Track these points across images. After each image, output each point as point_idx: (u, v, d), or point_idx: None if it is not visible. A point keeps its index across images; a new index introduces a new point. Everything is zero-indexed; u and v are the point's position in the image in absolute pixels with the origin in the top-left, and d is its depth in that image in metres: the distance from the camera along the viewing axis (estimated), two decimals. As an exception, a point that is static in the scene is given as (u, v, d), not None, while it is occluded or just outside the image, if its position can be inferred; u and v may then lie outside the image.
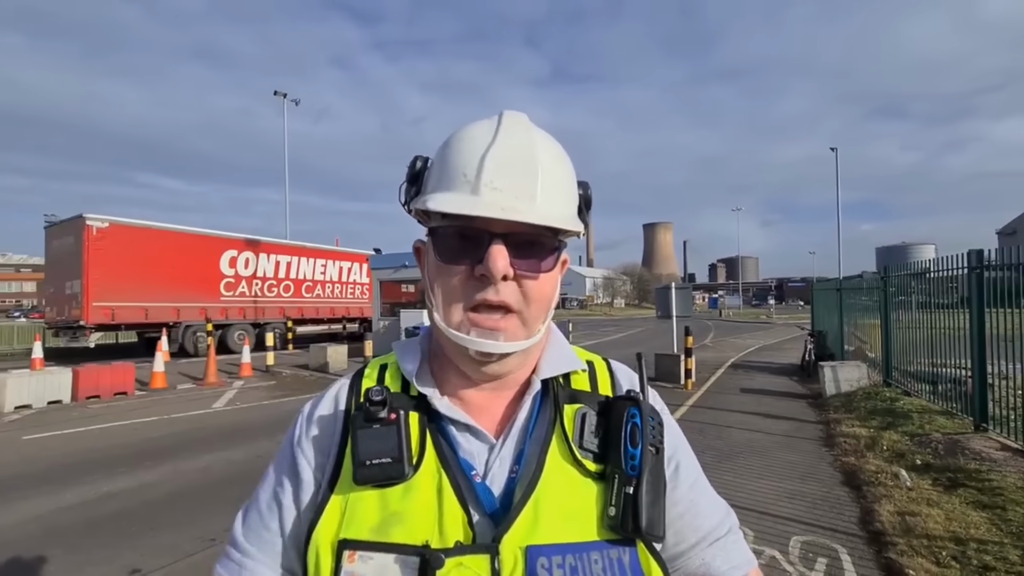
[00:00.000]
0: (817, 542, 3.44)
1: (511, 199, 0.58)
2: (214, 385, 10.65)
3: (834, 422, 6.62)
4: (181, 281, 15.43)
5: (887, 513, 3.73)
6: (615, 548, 0.59)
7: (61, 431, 6.87)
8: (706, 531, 0.68)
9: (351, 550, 0.56)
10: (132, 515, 4.12)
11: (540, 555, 0.56)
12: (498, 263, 0.58)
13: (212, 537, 3.72)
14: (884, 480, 4.39)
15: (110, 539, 3.69)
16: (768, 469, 4.97)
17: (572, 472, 0.61)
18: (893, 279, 8.31)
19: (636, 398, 0.64)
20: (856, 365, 8.78)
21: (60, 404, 8.62)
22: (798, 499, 4.20)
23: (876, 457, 5.04)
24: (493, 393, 0.67)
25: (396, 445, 0.59)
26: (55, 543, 3.61)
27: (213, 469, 5.31)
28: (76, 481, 4.89)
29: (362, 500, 0.59)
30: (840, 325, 11.47)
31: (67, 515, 4.13)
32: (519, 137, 0.61)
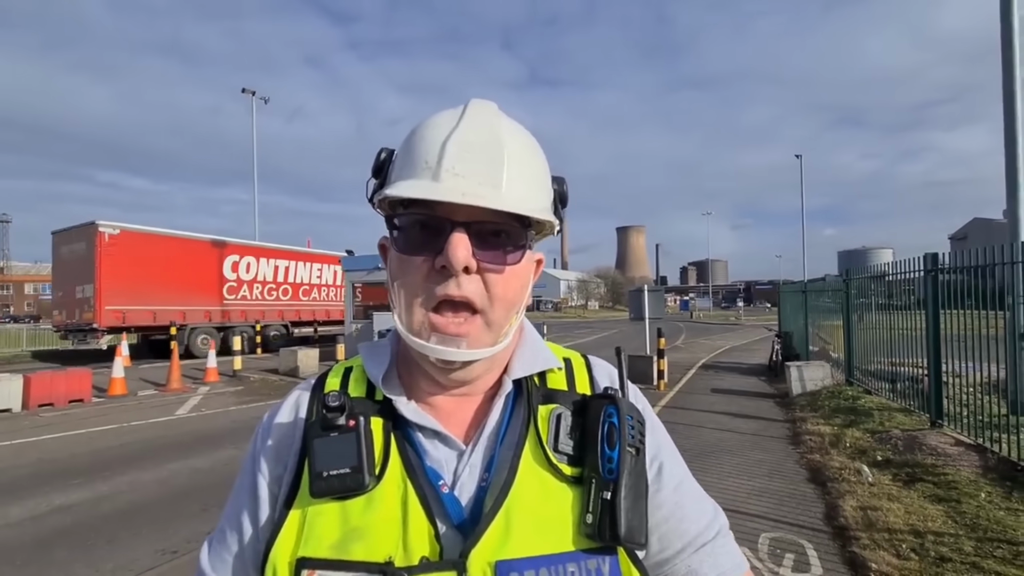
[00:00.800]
0: (785, 538, 3.52)
1: (473, 185, 0.54)
2: (178, 391, 10.27)
3: (800, 420, 6.81)
4: (186, 285, 16.03)
5: (850, 508, 3.85)
6: (593, 558, 0.55)
7: (9, 441, 6.51)
8: (692, 535, 0.64)
9: (310, 569, 0.53)
10: (88, 529, 3.92)
11: (511, 571, 0.52)
12: (459, 252, 0.54)
13: (174, 550, 3.57)
14: (847, 476, 4.53)
15: (63, 556, 3.50)
16: (738, 468, 5.07)
17: (547, 477, 0.58)
18: (854, 282, 8.62)
19: (613, 396, 0.61)
20: (820, 365, 9.07)
21: (9, 413, 8.18)
22: (766, 496, 4.30)
23: (840, 454, 5.20)
24: (463, 397, 0.64)
25: (355, 454, 0.55)
26: (3, 561, 3.41)
27: (175, 479, 5.12)
28: (25, 495, 4.64)
29: (321, 515, 0.55)
30: (805, 326, 11.83)
31: (15, 531, 3.91)
32: (484, 122, 0.58)
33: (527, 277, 0.63)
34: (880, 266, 7.78)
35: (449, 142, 0.56)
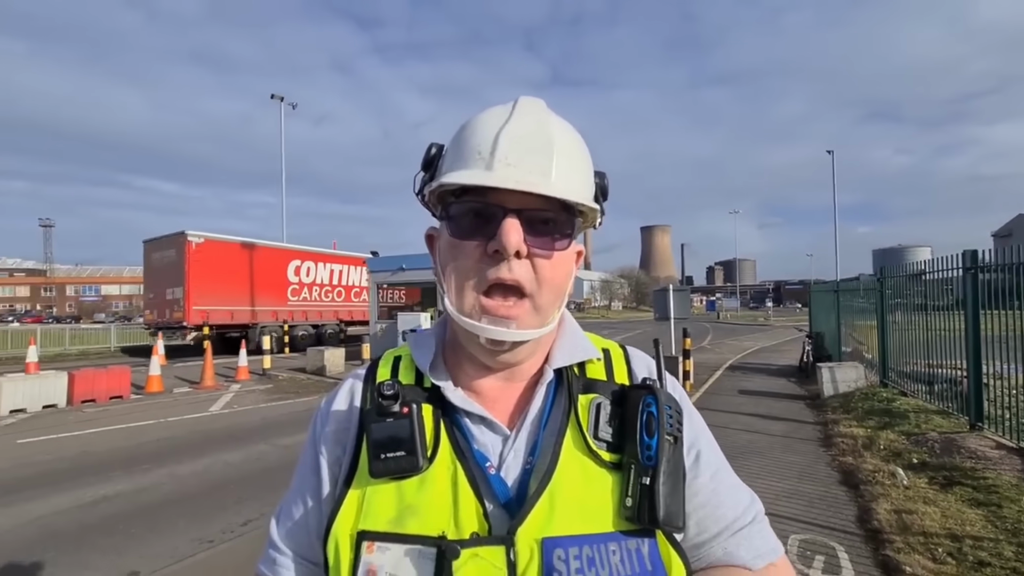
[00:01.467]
0: (815, 540, 3.44)
1: (524, 174, 0.58)
2: (211, 389, 10.62)
3: (832, 422, 6.64)
4: (257, 287, 17.94)
5: (884, 511, 3.74)
6: (633, 539, 0.58)
7: (56, 435, 6.84)
8: (729, 520, 0.66)
9: (369, 541, 0.57)
10: (129, 518, 4.10)
11: (556, 547, 0.55)
12: (511, 236, 0.57)
13: (211, 539, 3.71)
14: (881, 479, 4.41)
15: (107, 542, 3.67)
16: (766, 469, 4.98)
17: (587, 463, 0.60)
18: (889, 281, 8.35)
19: (652, 386, 0.63)
20: (853, 366, 8.82)
21: (55, 408, 8.58)
22: (796, 498, 4.21)
23: (873, 456, 5.06)
24: (506, 383, 0.67)
25: (409, 438, 0.59)
26: (51, 546, 3.59)
27: (210, 472, 5.30)
28: (72, 484, 4.87)
29: (379, 493, 0.60)
30: (837, 327, 11.51)
31: (62, 518, 4.11)
32: (534, 117, 0.61)
33: (572, 265, 0.66)
34: (917, 264, 7.53)
35: (502, 134, 0.59)
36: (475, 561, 0.55)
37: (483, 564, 0.55)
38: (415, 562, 0.55)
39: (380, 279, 15.08)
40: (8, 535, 3.80)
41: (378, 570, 0.56)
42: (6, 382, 8.19)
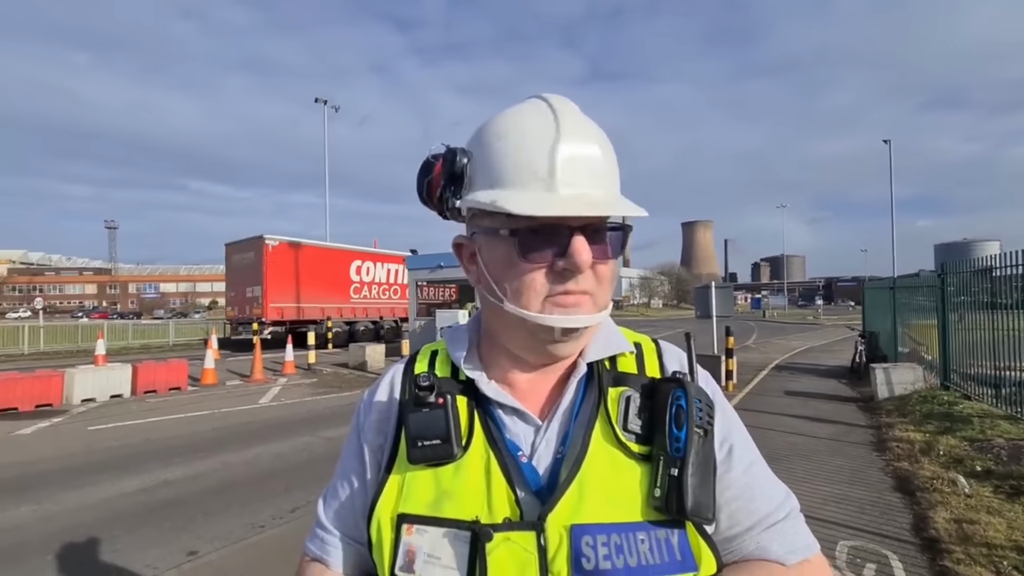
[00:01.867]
0: (866, 547, 3.30)
1: (586, 192, 0.59)
2: (260, 382, 11.10)
3: (886, 426, 6.32)
4: (324, 286, 19.20)
5: (943, 520, 3.54)
6: (663, 529, 0.59)
7: (122, 423, 7.32)
8: (762, 515, 0.66)
9: (409, 523, 0.61)
10: (187, 502, 4.36)
11: (585, 533, 0.57)
12: (583, 257, 0.58)
13: (261, 524, 3.89)
14: (940, 486, 4.17)
15: (168, 523, 3.92)
16: (813, 473, 4.80)
17: (616, 454, 0.62)
18: (952, 277, 7.86)
19: (681, 380, 0.64)
20: (911, 367, 8.35)
21: (121, 398, 9.18)
22: (845, 504, 4.04)
23: (932, 463, 4.79)
24: (539, 376, 0.69)
25: (444, 427, 0.62)
26: (118, 526, 3.86)
27: (260, 461, 5.55)
28: (136, 469, 5.21)
29: (417, 478, 0.63)
30: (893, 326, 10.92)
31: (129, 500, 4.41)
32: (582, 129, 0.61)
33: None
34: (984, 259, 7.05)
35: (558, 153, 0.58)
36: (507, 544, 0.57)
37: (514, 548, 0.57)
38: (451, 543, 0.59)
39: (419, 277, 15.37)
40: (80, 514, 4.11)
41: (417, 550, 0.59)
42: (78, 374, 8.83)
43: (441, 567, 0.58)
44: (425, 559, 0.59)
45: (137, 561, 3.32)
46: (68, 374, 8.73)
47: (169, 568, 3.23)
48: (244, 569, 3.26)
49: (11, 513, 4.11)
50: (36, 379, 8.39)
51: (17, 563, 3.31)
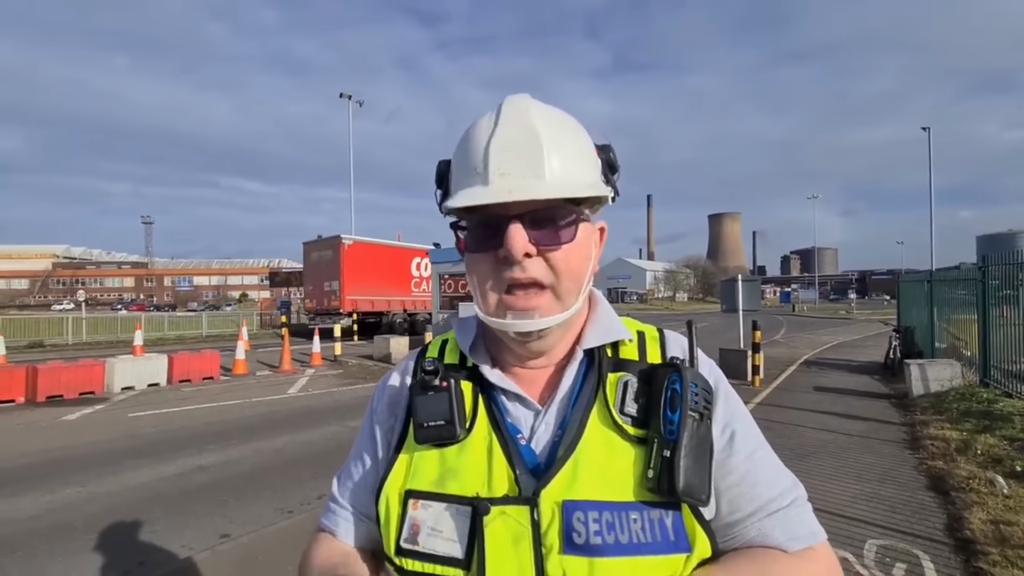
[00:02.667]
0: (896, 547, 3.22)
1: (518, 180, 0.60)
2: (288, 372, 11.40)
3: (921, 424, 6.13)
4: (389, 281, 20.98)
5: (979, 521, 3.43)
6: (656, 509, 0.60)
7: (159, 410, 7.63)
8: (764, 500, 0.65)
9: (415, 499, 0.64)
10: (220, 486, 4.53)
11: (576, 509, 0.59)
12: (515, 243, 0.60)
13: (290, 509, 4.02)
14: (977, 486, 4.03)
15: (203, 506, 4.08)
16: (842, 470, 4.69)
17: (612, 436, 0.63)
18: (995, 270, 7.53)
19: (678, 364, 0.65)
20: (948, 363, 8.05)
21: (158, 387, 9.55)
22: (875, 502, 3.94)
23: (968, 462, 4.63)
24: (539, 364, 0.71)
25: (448, 410, 0.65)
26: (157, 507, 4.04)
27: (289, 449, 5.72)
28: (173, 455, 5.43)
29: (424, 458, 0.67)
30: (930, 320, 10.54)
31: (166, 484, 4.61)
32: (518, 119, 0.62)
33: (588, 248, 0.67)
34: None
35: (491, 146, 0.61)
36: (503, 518, 0.60)
37: (509, 521, 0.60)
38: (452, 517, 0.62)
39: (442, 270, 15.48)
40: (122, 495, 4.31)
41: (421, 524, 0.63)
42: (118, 363, 9.21)
43: (443, 539, 0.62)
44: (428, 532, 0.62)
45: (174, 541, 3.47)
46: (109, 364, 9.12)
47: (204, 549, 3.37)
48: (273, 553, 3.37)
49: (59, 494, 4.34)
50: (80, 368, 8.80)
51: (66, 540, 3.50)
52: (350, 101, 28.59)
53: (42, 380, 8.14)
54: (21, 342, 17.22)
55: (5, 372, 8.32)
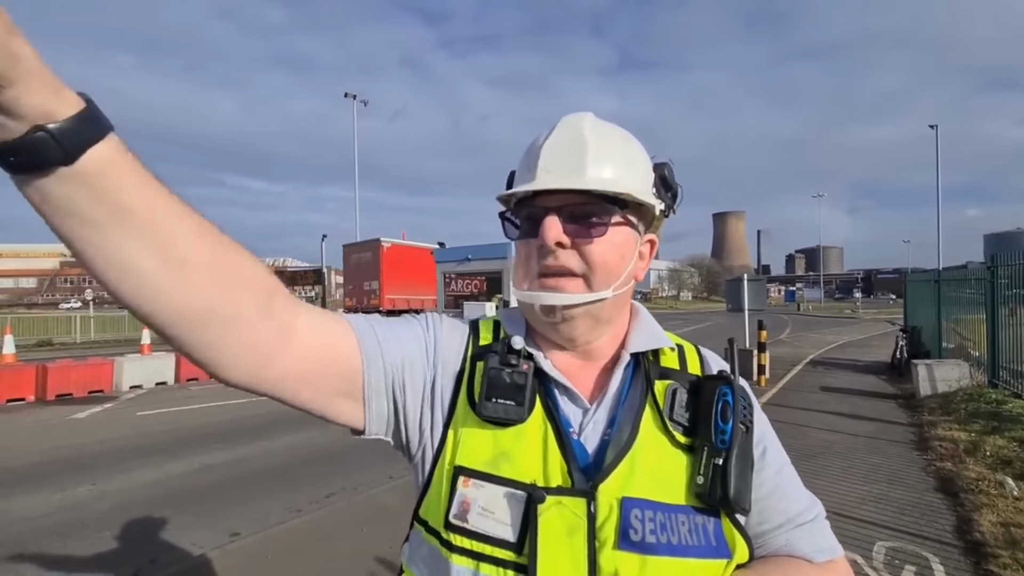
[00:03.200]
0: (905, 549, 3.21)
1: (560, 176, 0.66)
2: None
3: (928, 424, 6.10)
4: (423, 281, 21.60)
5: (988, 523, 3.42)
6: (700, 515, 0.63)
7: (167, 409, 7.68)
8: (792, 514, 0.70)
9: (465, 476, 0.64)
10: (229, 485, 4.56)
11: (635, 507, 0.60)
12: (549, 231, 0.64)
13: (298, 508, 4.04)
14: (986, 488, 4.01)
15: (212, 505, 4.11)
16: (849, 471, 4.68)
17: (663, 440, 0.66)
18: (1003, 269, 7.48)
19: (728, 377, 0.68)
20: (956, 364, 8.01)
21: (166, 385, 9.62)
22: (884, 503, 3.93)
23: (977, 463, 4.61)
24: (585, 363, 0.73)
25: (522, 392, 0.65)
26: (167, 506, 4.07)
27: (297, 448, 5.75)
28: (182, 453, 5.47)
29: (475, 435, 0.66)
30: (938, 320, 10.48)
31: (176, 482, 4.64)
32: (571, 127, 0.69)
33: (625, 248, 0.69)
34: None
35: (543, 148, 0.68)
36: (558, 508, 0.61)
37: (565, 512, 0.61)
38: (507, 501, 0.62)
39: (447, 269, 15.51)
40: (132, 494, 4.35)
41: (472, 503, 0.63)
42: (127, 362, 9.29)
43: (494, 520, 0.62)
44: (480, 511, 0.62)
45: (184, 540, 3.50)
46: (118, 362, 9.19)
47: (213, 548, 3.40)
48: (282, 552, 3.39)
49: (70, 492, 4.38)
50: (89, 367, 8.87)
51: (78, 538, 3.54)
52: (355, 100, 28.63)
53: (52, 379, 8.22)
54: (30, 341, 17.37)
55: (15, 371, 8.41)
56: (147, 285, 0.48)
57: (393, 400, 0.68)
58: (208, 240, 0.51)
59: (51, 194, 0.43)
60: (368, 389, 0.66)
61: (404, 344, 0.69)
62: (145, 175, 0.47)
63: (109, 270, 0.47)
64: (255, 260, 0.55)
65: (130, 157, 0.46)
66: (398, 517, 3.85)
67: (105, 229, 0.45)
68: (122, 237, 0.46)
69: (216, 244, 0.51)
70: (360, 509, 4.06)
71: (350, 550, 3.41)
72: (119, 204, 0.45)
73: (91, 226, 0.45)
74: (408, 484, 0.79)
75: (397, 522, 3.77)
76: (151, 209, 0.47)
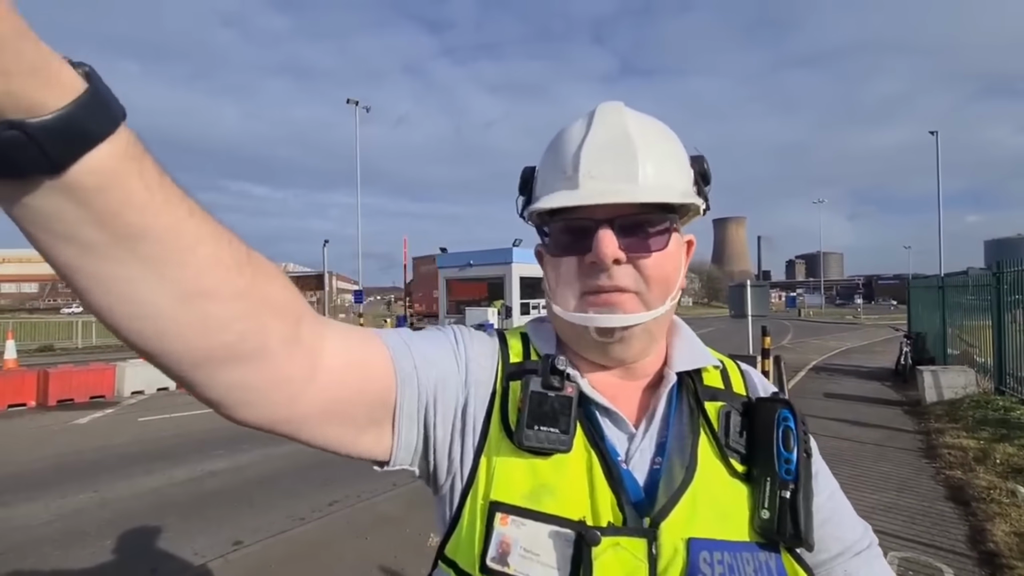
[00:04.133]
0: (918, 559, 3.16)
1: (610, 184, 0.58)
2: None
3: (936, 432, 6.04)
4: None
5: (1002, 533, 3.37)
6: (763, 552, 0.57)
7: (169, 415, 7.64)
8: (849, 543, 0.66)
9: (503, 513, 0.56)
10: (231, 493, 4.51)
11: (703, 549, 0.54)
12: (606, 248, 0.57)
13: (302, 516, 4.00)
14: (998, 497, 3.96)
15: (214, 513, 4.07)
16: (858, 480, 4.63)
17: (721, 470, 0.60)
18: (1008, 274, 7.45)
19: (787, 400, 0.63)
20: (962, 370, 7.95)
21: (167, 391, 9.57)
22: (894, 512, 3.88)
23: (988, 472, 4.55)
24: (624, 382, 0.66)
25: (568, 418, 0.58)
26: (169, 513, 4.03)
27: (300, 455, 5.69)
28: (184, 460, 5.43)
29: (512, 464, 0.58)
30: (942, 326, 10.43)
31: (177, 489, 4.60)
32: (612, 122, 0.61)
33: (678, 259, 0.65)
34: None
35: (583, 149, 0.60)
36: (615, 550, 0.54)
37: (624, 554, 0.54)
38: (553, 542, 0.54)
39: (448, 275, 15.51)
40: (134, 501, 4.31)
41: (512, 543, 0.55)
42: (128, 367, 9.25)
43: (540, 564, 0.54)
44: (522, 554, 0.54)
45: (186, 548, 3.45)
46: (119, 368, 9.16)
47: (216, 557, 3.35)
48: (286, 559, 3.35)
49: (71, 499, 4.34)
50: (90, 372, 8.84)
51: (79, 546, 3.50)
52: (356, 107, 28.73)
53: (53, 384, 8.18)
54: (31, 346, 17.35)
55: (17, 376, 8.37)
56: (155, 322, 0.38)
57: (424, 426, 0.60)
58: (233, 264, 0.42)
59: (33, 210, 0.33)
60: (399, 414, 0.58)
61: (439, 362, 0.62)
62: (161, 187, 0.37)
63: (106, 303, 0.37)
64: (283, 278, 0.47)
65: (141, 162, 0.36)
66: (401, 525, 3.81)
67: (106, 257, 0.35)
68: (127, 267, 0.36)
69: (242, 267, 0.42)
70: (363, 517, 4.01)
71: (353, 558, 3.36)
72: (126, 227, 0.35)
73: (88, 252, 0.35)
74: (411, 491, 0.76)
75: (400, 530, 3.73)
76: (167, 232, 0.37)
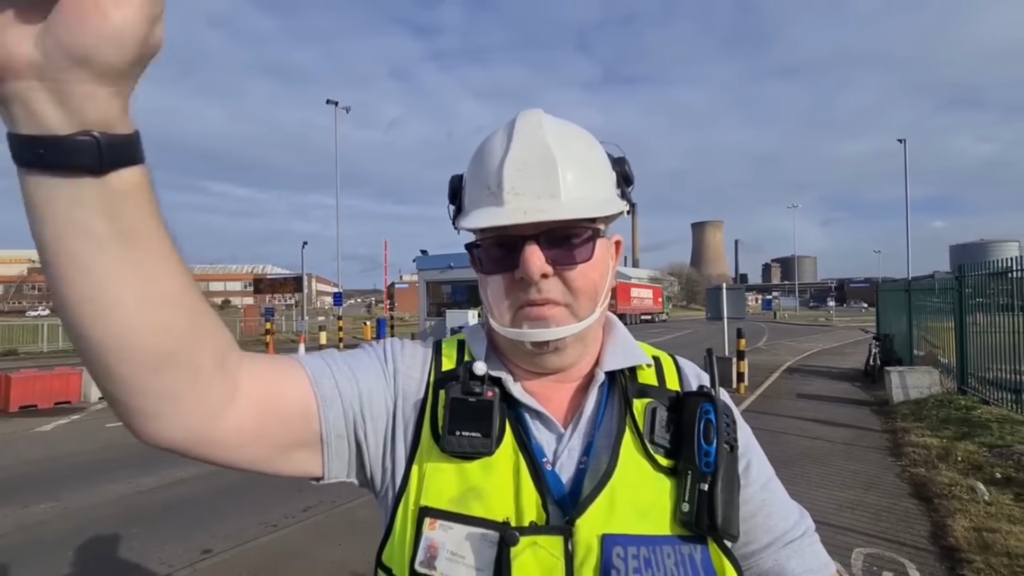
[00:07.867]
0: (882, 555, 3.25)
1: (533, 200, 0.59)
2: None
3: (902, 431, 6.23)
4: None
5: (962, 528, 3.49)
6: (687, 544, 0.58)
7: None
8: (779, 532, 0.66)
9: (432, 518, 0.58)
10: (202, 500, 4.41)
11: (616, 544, 0.55)
12: (532, 265, 0.58)
13: (274, 523, 3.93)
14: (959, 493, 4.10)
15: (183, 520, 3.97)
16: (827, 478, 4.74)
17: (645, 466, 0.61)
18: (969, 279, 7.74)
19: (709, 393, 0.64)
20: (927, 371, 8.23)
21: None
22: (860, 510, 3.99)
23: (949, 469, 4.71)
24: (557, 384, 0.67)
25: (488, 422, 0.59)
26: (136, 523, 3.92)
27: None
28: (152, 467, 5.28)
29: (440, 470, 0.60)
30: (909, 328, 10.78)
31: (145, 497, 4.48)
32: (532, 136, 0.61)
33: (605, 264, 0.65)
34: (1003, 261, 6.93)
35: (505, 165, 0.60)
36: (533, 549, 0.55)
37: (541, 553, 0.55)
38: (477, 544, 0.56)
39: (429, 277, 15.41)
40: (98, 510, 4.18)
41: (440, 547, 0.57)
42: (95, 371, 8.97)
43: (465, 566, 0.56)
44: (448, 557, 0.56)
45: (153, 558, 3.36)
46: (86, 372, 8.87)
47: (184, 566, 3.27)
48: (257, 568, 3.28)
49: (31, 510, 4.19)
50: (55, 377, 8.54)
51: (38, 558, 3.37)
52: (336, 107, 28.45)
53: (15, 389, 7.88)
54: (-8, 350, 16.70)
55: (-25, 382, 8.04)
56: (119, 317, 0.43)
57: (356, 440, 0.62)
58: (189, 282, 0.47)
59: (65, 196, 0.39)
60: (327, 432, 0.60)
61: (362, 378, 0.63)
62: (154, 208, 0.44)
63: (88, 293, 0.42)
64: (215, 314, 0.52)
65: (150, 188, 0.44)
66: (377, 532, 3.76)
67: (103, 249, 0.41)
68: (116, 261, 0.42)
69: (193, 287, 0.48)
70: (338, 523, 3.96)
71: (327, 566, 3.31)
72: (130, 226, 0.42)
73: (88, 238, 0.40)
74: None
75: (376, 537, 3.66)
76: (153, 240, 0.44)
